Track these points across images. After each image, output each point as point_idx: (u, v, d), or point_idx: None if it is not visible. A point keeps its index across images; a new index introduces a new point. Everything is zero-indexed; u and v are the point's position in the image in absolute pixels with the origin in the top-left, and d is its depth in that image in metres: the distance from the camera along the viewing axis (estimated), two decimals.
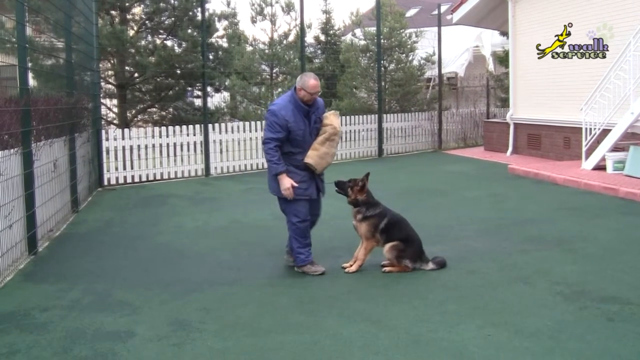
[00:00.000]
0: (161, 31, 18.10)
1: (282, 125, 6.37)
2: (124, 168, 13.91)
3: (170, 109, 18.43)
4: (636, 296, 5.61)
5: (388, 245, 6.60)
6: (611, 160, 12.22)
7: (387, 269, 6.64)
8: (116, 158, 13.80)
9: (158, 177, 14.34)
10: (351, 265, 6.71)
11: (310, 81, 6.45)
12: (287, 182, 6.44)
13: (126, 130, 14.26)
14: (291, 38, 19.20)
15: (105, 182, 13.57)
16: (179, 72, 17.56)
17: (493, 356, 4.46)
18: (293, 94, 6.52)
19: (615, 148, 12.44)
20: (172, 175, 14.52)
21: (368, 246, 6.66)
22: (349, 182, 6.71)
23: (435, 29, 20.01)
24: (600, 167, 12.54)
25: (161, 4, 17.33)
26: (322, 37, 25.61)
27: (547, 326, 4.96)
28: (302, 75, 6.61)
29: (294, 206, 6.59)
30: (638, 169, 11.48)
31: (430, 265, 6.66)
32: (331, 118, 6.78)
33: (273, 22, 18.74)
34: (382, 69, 19.45)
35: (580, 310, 5.33)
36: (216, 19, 18.53)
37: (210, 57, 18.15)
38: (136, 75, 17.62)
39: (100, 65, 15.55)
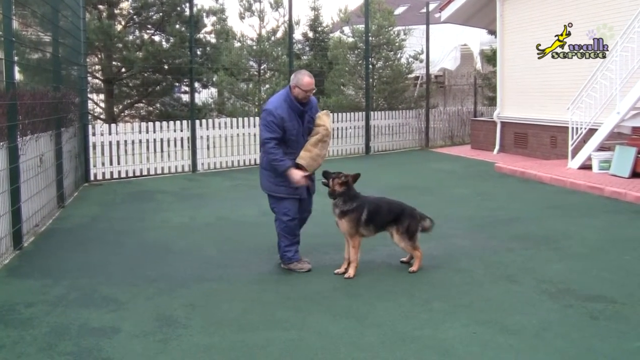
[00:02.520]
0: (149, 26, 18.09)
1: (279, 124, 6.34)
2: (111, 163, 13.85)
3: (158, 105, 18.42)
4: (620, 295, 5.65)
5: (397, 238, 6.53)
6: (597, 160, 12.29)
7: (412, 269, 6.55)
8: (103, 153, 13.73)
9: (145, 172, 14.29)
10: (345, 270, 6.51)
11: (304, 78, 6.40)
12: (297, 174, 6.38)
13: (113, 125, 14.21)
14: (279, 34, 19.17)
15: (92, 178, 13.51)
16: (166, 67, 17.56)
17: (478, 354, 4.48)
18: (288, 92, 6.47)
19: (601, 147, 12.52)
20: (159, 171, 14.47)
21: (355, 244, 6.46)
22: (334, 173, 6.60)
23: (424, 27, 20.02)
24: (586, 167, 12.61)
25: None
26: (311, 34, 25.54)
27: (532, 324, 4.99)
28: (296, 72, 6.57)
29: (284, 204, 6.59)
30: (623, 168, 11.55)
31: (427, 223, 6.74)
32: (323, 118, 6.75)
33: (261, 18, 18.71)
34: (370, 66, 19.46)
35: (565, 308, 5.36)
36: (204, 14, 18.54)
37: (198, 52, 18.15)
38: (123, 70, 17.59)
39: (88, 59, 15.47)
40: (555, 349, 4.52)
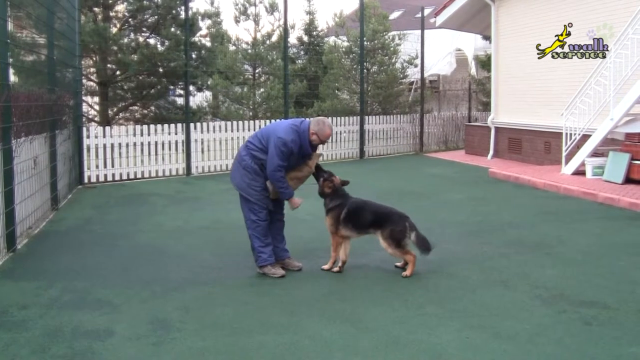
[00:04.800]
0: (144, 29, 18.07)
1: (289, 156, 6.48)
2: (105, 166, 13.83)
3: (152, 108, 18.39)
4: (614, 300, 5.67)
5: (382, 243, 6.57)
6: (590, 166, 12.34)
7: (405, 273, 6.57)
8: (97, 156, 13.71)
9: (139, 175, 14.27)
10: (336, 267, 6.75)
11: (327, 130, 6.61)
12: (297, 200, 6.69)
13: (107, 128, 14.19)
14: (274, 38, 19.21)
15: (86, 180, 13.48)
16: (161, 70, 17.54)
17: (471, 359, 4.48)
18: (306, 132, 6.55)
19: (595, 153, 12.57)
20: (153, 174, 14.46)
21: (333, 242, 6.72)
22: (325, 173, 6.76)
23: (418, 31, 20.08)
24: (579, 172, 12.66)
25: (144, 2, 17.29)
26: (306, 38, 25.64)
27: (526, 329, 5.00)
28: (319, 120, 6.66)
29: (252, 206, 6.63)
30: (617, 174, 11.59)
31: (413, 237, 6.60)
32: (315, 158, 6.85)
33: (256, 22, 18.74)
34: (365, 71, 19.49)
35: (558, 314, 5.37)
36: (199, 17, 18.55)
37: (193, 56, 18.14)
38: (118, 73, 17.57)
39: (82, 62, 15.45)
40: (548, 355, 4.53)
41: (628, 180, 11.45)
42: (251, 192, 6.60)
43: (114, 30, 17.33)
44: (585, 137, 12.75)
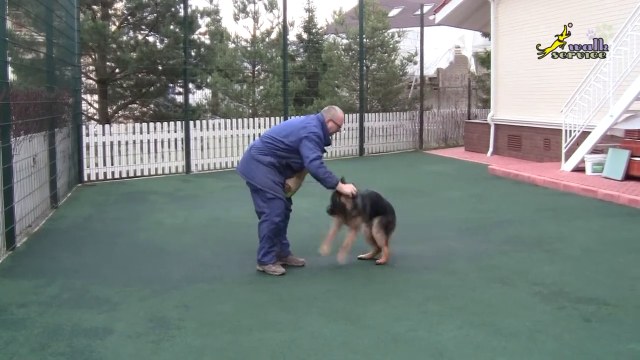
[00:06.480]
0: (143, 27, 18.07)
1: (321, 147, 6.63)
2: (104, 164, 13.83)
3: (152, 105, 18.39)
4: (613, 297, 5.66)
5: (374, 228, 6.80)
6: (590, 162, 12.34)
7: (379, 261, 6.80)
8: (96, 154, 13.71)
9: (138, 173, 14.28)
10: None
11: (340, 114, 6.81)
12: (348, 186, 6.61)
13: (107, 126, 14.19)
14: (274, 36, 19.20)
15: (85, 178, 13.48)
16: (160, 68, 17.54)
17: (472, 356, 4.48)
18: (325, 123, 6.69)
19: (595, 150, 12.56)
20: (153, 172, 14.46)
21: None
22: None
23: (418, 29, 20.07)
24: (579, 169, 12.65)
25: (143, 0, 17.28)
26: (305, 36, 25.60)
27: (526, 326, 5.00)
28: (330, 108, 6.85)
29: (276, 204, 6.61)
30: (616, 171, 11.59)
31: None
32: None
33: (256, 20, 18.73)
34: (364, 68, 19.47)
35: (558, 310, 5.37)
36: (199, 15, 18.54)
37: (192, 53, 18.14)
38: (117, 70, 17.57)
39: (82, 60, 15.44)
40: (548, 351, 4.53)
41: (628, 176, 11.45)
42: (277, 187, 6.61)
43: (113, 28, 17.33)
44: (584, 134, 12.75)
